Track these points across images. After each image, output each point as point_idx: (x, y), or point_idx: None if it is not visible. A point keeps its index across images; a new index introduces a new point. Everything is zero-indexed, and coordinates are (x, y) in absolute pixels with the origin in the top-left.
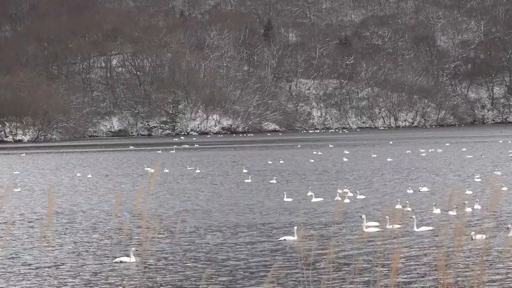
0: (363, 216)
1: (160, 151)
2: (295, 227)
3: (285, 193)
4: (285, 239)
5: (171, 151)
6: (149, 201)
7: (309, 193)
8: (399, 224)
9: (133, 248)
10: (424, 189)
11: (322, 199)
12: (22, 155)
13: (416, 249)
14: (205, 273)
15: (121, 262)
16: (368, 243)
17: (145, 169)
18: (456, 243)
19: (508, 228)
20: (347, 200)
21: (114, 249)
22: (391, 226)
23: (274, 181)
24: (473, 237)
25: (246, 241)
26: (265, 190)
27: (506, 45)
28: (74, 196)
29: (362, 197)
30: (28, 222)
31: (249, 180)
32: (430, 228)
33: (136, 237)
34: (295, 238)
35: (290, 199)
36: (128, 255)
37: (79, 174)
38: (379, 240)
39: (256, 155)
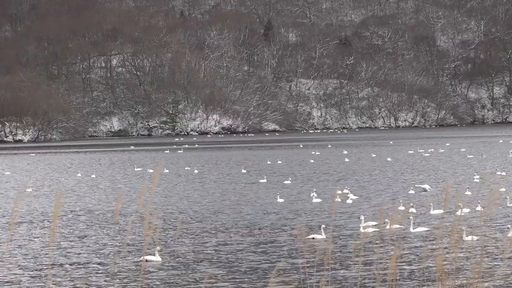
0: (361, 217)
1: (168, 151)
2: (322, 226)
3: (278, 194)
4: (313, 238)
5: (178, 151)
6: (154, 201)
7: (312, 194)
8: (397, 225)
9: (158, 247)
10: (425, 187)
11: (321, 200)
12: (31, 155)
13: (413, 249)
14: (209, 274)
15: (147, 261)
16: (365, 244)
17: (135, 169)
18: (454, 243)
19: (507, 229)
20: (349, 201)
21: (133, 248)
22: (388, 227)
23: (289, 182)
24: (471, 238)
25: (250, 241)
26: (279, 189)
27: (506, 45)
28: (82, 196)
29: (361, 197)
30: (41, 222)
31: (264, 180)
32: (427, 228)
33: (143, 237)
34: (323, 236)
35: (282, 200)
36: (153, 254)
37: (79, 174)
38: (376, 240)
39: (258, 155)
